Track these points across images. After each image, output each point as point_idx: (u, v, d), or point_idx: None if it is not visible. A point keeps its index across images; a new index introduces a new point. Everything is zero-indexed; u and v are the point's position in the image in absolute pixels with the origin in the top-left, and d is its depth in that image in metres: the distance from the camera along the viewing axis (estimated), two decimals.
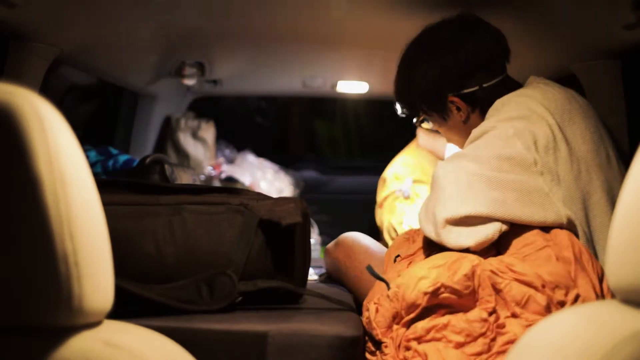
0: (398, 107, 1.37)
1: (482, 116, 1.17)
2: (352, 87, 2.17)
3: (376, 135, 3.18)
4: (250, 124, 3.16)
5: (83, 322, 0.53)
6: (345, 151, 3.20)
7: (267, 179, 2.28)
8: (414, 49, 1.25)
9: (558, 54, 1.41)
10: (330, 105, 3.12)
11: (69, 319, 0.51)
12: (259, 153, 2.45)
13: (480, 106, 1.19)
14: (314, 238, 2.10)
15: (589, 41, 1.27)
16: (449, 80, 1.19)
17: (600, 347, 0.47)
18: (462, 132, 1.23)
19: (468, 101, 1.20)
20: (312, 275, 1.43)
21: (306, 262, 0.91)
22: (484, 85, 1.19)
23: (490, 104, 1.15)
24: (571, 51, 1.36)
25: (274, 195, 2.25)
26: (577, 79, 1.41)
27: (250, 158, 2.38)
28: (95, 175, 0.57)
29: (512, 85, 1.20)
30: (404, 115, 1.38)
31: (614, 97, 1.33)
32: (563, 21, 1.26)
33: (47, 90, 1.37)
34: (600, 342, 0.48)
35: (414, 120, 1.34)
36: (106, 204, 0.57)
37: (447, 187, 0.98)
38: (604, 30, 1.18)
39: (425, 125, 1.33)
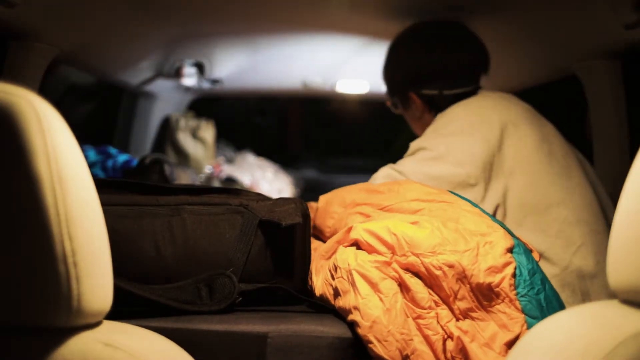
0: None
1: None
2: (352, 86, 2.17)
3: (376, 134, 3.18)
4: (250, 124, 3.16)
5: (82, 323, 0.53)
6: (345, 151, 3.20)
7: (267, 179, 2.28)
8: (397, 41, 1.35)
9: (559, 54, 1.41)
10: (330, 105, 3.12)
11: (68, 320, 0.51)
12: (259, 153, 2.45)
13: (435, 110, 1.25)
14: None
15: (589, 41, 1.27)
16: (412, 78, 1.29)
17: (601, 348, 0.47)
18: (418, 125, 1.35)
19: (425, 101, 1.29)
20: None
21: (306, 263, 0.91)
22: (444, 92, 1.25)
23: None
24: (572, 51, 1.36)
25: (274, 195, 2.25)
26: (578, 79, 1.41)
27: (250, 158, 2.38)
28: (94, 175, 0.57)
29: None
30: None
31: (614, 97, 1.33)
32: (564, 21, 1.26)
33: (46, 90, 1.37)
34: (601, 343, 0.48)
35: (388, 99, 1.42)
36: (105, 204, 0.57)
37: None
38: (605, 30, 1.18)
39: (393, 109, 1.41)
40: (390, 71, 1.36)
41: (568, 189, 1.11)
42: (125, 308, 0.69)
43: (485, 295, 0.78)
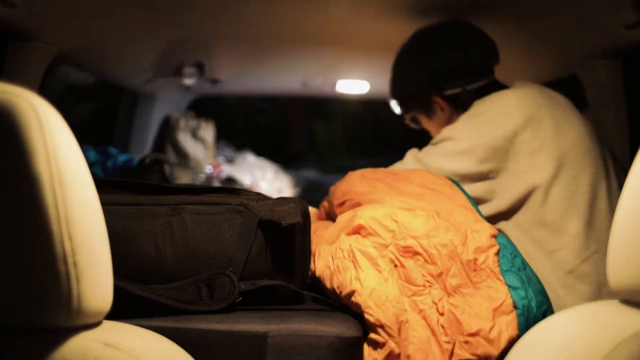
0: (393, 104, 1.47)
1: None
2: (353, 86, 2.17)
3: (377, 134, 3.17)
4: (250, 124, 3.15)
5: (82, 323, 0.53)
6: (345, 151, 3.19)
7: (267, 179, 2.28)
8: (406, 50, 1.35)
9: (559, 54, 1.42)
10: (330, 105, 3.12)
11: (68, 320, 0.51)
12: (259, 153, 2.44)
13: (463, 107, 1.24)
14: None
15: (590, 41, 1.27)
16: (433, 83, 1.28)
17: (601, 348, 0.47)
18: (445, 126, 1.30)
19: (451, 102, 1.28)
20: None
21: (306, 262, 0.91)
22: (467, 88, 1.25)
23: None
24: (572, 51, 1.36)
25: (274, 195, 2.24)
26: (578, 78, 1.41)
27: (250, 158, 2.38)
28: (94, 175, 0.57)
29: (497, 88, 1.23)
30: (399, 113, 1.45)
31: (614, 96, 1.34)
32: (564, 21, 1.26)
33: (46, 90, 1.37)
34: (601, 343, 0.48)
35: (405, 117, 1.41)
36: (105, 204, 0.57)
37: None
38: (605, 31, 1.18)
39: (413, 125, 1.41)
40: (406, 83, 1.35)
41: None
42: (125, 308, 0.69)
43: (474, 272, 0.87)
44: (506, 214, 1.12)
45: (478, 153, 1.12)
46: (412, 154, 1.23)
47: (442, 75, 1.27)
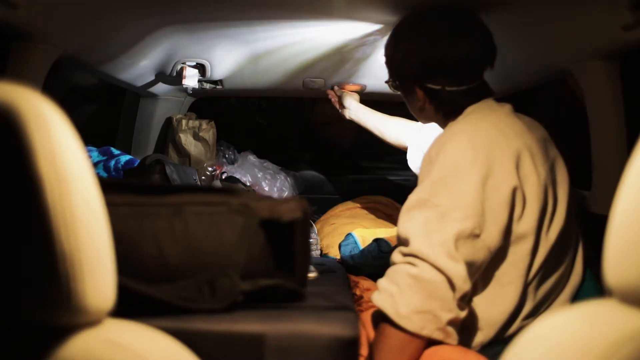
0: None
1: (437, 112, 1.26)
2: (352, 86, 2.17)
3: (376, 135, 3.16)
4: (250, 125, 3.15)
5: (84, 321, 0.53)
6: (345, 151, 3.18)
7: (267, 179, 2.28)
8: (402, 26, 1.30)
9: (557, 54, 1.41)
10: (330, 105, 3.10)
11: (70, 318, 0.52)
12: (260, 153, 2.44)
13: (436, 104, 1.25)
14: (313, 238, 2.11)
15: (587, 42, 1.27)
16: (416, 70, 1.24)
17: (598, 347, 0.47)
18: (417, 113, 1.33)
19: (428, 94, 1.25)
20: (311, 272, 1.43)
21: (306, 261, 0.91)
22: (447, 88, 1.21)
23: (448, 106, 1.23)
24: (570, 51, 1.36)
25: (275, 195, 2.25)
26: (575, 79, 1.41)
27: (251, 158, 2.38)
28: (97, 176, 0.57)
29: (480, 95, 1.21)
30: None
31: (612, 97, 1.33)
32: (562, 21, 1.26)
33: (49, 91, 1.37)
34: (598, 342, 0.48)
35: (389, 81, 1.38)
36: (107, 205, 0.58)
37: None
38: (603, 31, 1.18)
39: (392, 89, 1.38)
40: (396, 59, 1.30)
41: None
42: (126, 307, 0.70)
43: None
44: None
45: (458, 212, 1.06)
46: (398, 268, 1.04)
47: (426, 68, 1.22)
